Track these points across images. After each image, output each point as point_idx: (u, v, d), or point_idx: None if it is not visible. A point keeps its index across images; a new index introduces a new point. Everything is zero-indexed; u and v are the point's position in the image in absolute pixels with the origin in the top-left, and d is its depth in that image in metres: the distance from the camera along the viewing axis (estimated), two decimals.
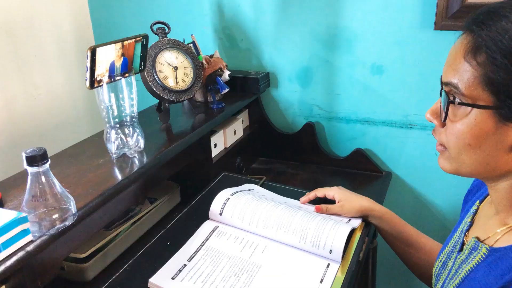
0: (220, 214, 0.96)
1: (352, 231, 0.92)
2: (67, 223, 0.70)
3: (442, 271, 0.76)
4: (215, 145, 1.23)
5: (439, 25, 1.11)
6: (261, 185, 1.12)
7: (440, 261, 0.78)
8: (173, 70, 1.11)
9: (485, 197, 0.75)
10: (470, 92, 0.58)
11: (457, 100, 0.60)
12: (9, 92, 1.31)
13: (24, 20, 1.34)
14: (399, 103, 1.26)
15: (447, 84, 0.61)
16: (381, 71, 1.26)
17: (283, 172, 1.38)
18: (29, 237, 0.66)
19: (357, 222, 0.94)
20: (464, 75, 0.58)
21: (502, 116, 0.57)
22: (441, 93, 0.64)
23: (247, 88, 1.35)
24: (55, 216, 0.69)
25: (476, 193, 0.80)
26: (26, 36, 1.35)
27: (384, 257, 1.24)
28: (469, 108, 0.59)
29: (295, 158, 1.43)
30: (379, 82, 1.27)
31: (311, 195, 1.03)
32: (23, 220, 0.65)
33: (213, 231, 0.94)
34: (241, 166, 1.35)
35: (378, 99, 1.28)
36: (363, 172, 1.33)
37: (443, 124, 0.63)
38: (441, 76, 0.63)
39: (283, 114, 1.43)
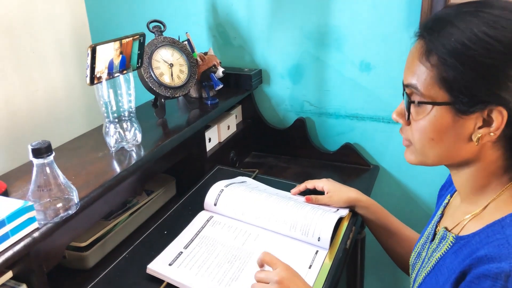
0: (215, 204, 1.01)
1: (340, 221, 0.97)
2: (70, 212, 0.74)
3: (417, 261, 0.82)
4: (210, 139, 1.27)
5: None
6: (254, 178, 1.17)
7: (416, 251, 0.84)
8: (169, 67, 1.15)
9: (455, 192, 0.81)
10: (427, 91, 0.64)
11: (417, 100, 0.65)
12: (7, 88, 1.34)
13: (22, 18, 1.36)
14: (386, 99, 1.31)
15: (407, 86, 0.67)
16: (369, 68, 1.30)
17: (275, 165, 1.43)
18: (35, 225, 0.70)
19: (344, 212, 0.99)
20: (421, 76, 0.64)
21: (457, 110, 0.62)
22: (403, 95, 0.69)
23: (240, 85, 1.39)
24: (59, 205, 0.73)
25: (448, 188, 0.86)
26: (24, 33, 1.38)
27: (373, 248, 1.29)
28: (429, 106, 0.64)
29: (286, 152, 1.47)
30: (367, 79, 1.32)
31: (301, 186, 1.08)
32: (30, 208, 0.69)
33: (208, 220, 0.99)
34: (235, 160, 1.40)
35: (366, 95, 1.33)
36: (351, 165, 1.38)
37: (408, 123, 0.69)
38: (403, 80, 0.69)
39: (275, 109, 1.48)
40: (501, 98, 0.59)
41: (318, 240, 0.90)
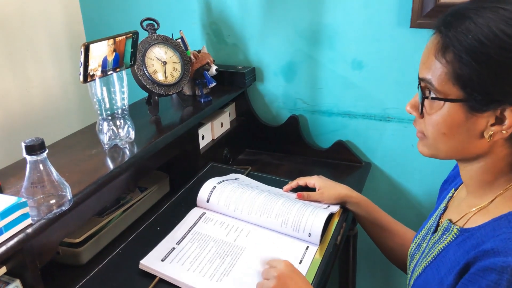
0: (207, 201, 1.02)
1: (331, 217, 0.98)
2: (64, 208, 0.75)
3: (417, 252, 0.83)
4: (203, 137, 1.28)
5: (415, 23, 1.18)
6: (247, 175, 1.18)
7: (415, 243, 0.85)
8: (162, 64, 1.16)
9: (460, 185, 0.82)
10: (442, 87, 0.64)
11: (431, 95, 0.66)
12: (1, 86, 1.34)
13: (16, 15, 1.37)
14: (378, 97, 1.32)
15: (422, 80, 0.67)
16: (361, 67, 1.32)
17: (268, 163, 1.44)
18: (28, 221, 0.71)
19: (335, 208, 1.01)
20: (436, 72, 0.64)
21: (470, 107, 0.63)
22: (418, 88, 0.70)
23: (233, 82, 1.40)
24: (52, 201, 0.74)
25: (452, 182, 0.87)
26: (18, 31, 1.38)
27: (365, 244, 1.31)
28: (442, 102, 0.65)
29: (279, 150, 1.48)
30: (359, 77, 1.33)
31: (293, 183, 1.10)
32: (23, 204, 0.70)
33: (200, 217, 1.00)
34: (228, 157, 1.41)
35: (358, 93, 1.35)
36: (344, 162, 1.39)
37: (421, 116, 0.70)
38: (418, 73, 0.69)
39: (268, 107, 1.49)
40: None
41: (309, 236, 0.92)
